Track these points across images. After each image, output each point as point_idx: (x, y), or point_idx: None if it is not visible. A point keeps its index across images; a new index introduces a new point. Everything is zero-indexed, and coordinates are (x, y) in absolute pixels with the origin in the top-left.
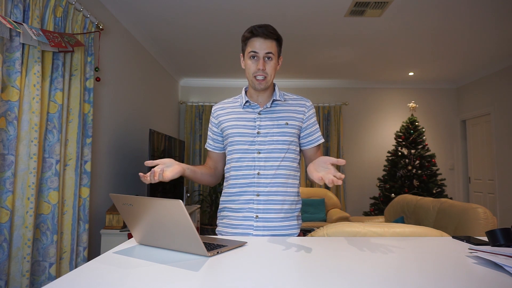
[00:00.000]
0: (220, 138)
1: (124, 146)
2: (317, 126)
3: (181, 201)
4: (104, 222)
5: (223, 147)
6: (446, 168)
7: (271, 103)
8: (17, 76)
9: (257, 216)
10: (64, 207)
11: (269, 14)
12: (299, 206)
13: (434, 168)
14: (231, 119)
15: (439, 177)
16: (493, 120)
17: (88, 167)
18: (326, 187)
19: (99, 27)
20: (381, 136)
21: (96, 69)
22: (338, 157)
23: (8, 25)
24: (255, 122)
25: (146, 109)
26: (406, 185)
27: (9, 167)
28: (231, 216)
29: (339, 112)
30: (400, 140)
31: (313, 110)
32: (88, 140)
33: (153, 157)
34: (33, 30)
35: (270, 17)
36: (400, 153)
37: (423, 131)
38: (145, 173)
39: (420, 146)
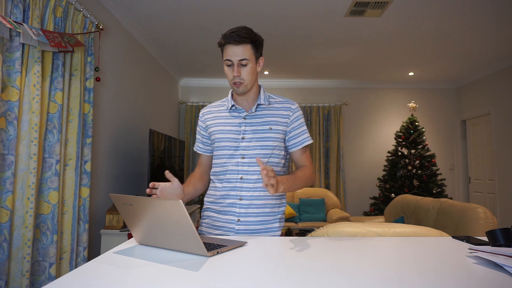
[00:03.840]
0: (209, 142)
1: (124, 146)
2: (304, 128)
3: (181, 201)
4: (104, 222)
5: (213, 149)
6: (446, 168)
7: (256, 108)
8: (17, 76)
9: (238, 219)
10: (64, 207)
11: (269, 15)
12: (283, 208)
13: (434, 168)
14: (218, 124)
15: (439, 177)
16: (493, 120)
17: (88, 167)
18: (326, 187)
19: (99, 27)
20: (381, 136)
21: (96, 69)
22: (338, 157)
23: (8, 25)
24: (240, 127)
25: (146, 109)
26: (406, 185)
27: (9, 167)
28: (214, 217)
29: (339, 112)
30: (400, 140)
31: (299, 113)
32: (88, 140)
33: (153, 157)
34: (33, 30)
35: (270, 17)
36: (400, 153)
37: (423, 131)
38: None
39: (420, 146)
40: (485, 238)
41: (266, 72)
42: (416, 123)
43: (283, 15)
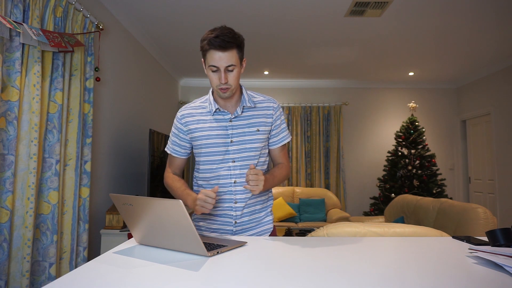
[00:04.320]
0: (188, 145)
1: (124, 146)
2: (284, 126)
3: (181, 201)
4: (104, 222)
5: (189, 153)
6: (446, 168)
7: (242, 110)
8: (17, 76)
9: (235, 222)
10: (64, 207)
11: (269, 15)
12: (271, 201)
13: (434, 168)
14: (203, 129)
15: (439, 177)
16: (493, 120)
17: (88, 167)
18: (326, 187)
19: (99, 27)
20: (381, 136)
21: (96, 69)
22: (338, 157)
23: (8, 25)
24: (227, 130)
25: (146, 109)
26: (406, 185)
27: (9, 167)
28: (209, 220)
29: (339, 112)
30: (400, 140)
31: (280, 111)
32: (88, 140)
33: (153, 157)
34: (33, 30)
35: (270, 17)
36: (400, 153)
37: (423, 131)
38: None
39: (420, 146)
40: (485, 238)
41: (266, 72)
42: (416, 123)
43: (283, 15)
